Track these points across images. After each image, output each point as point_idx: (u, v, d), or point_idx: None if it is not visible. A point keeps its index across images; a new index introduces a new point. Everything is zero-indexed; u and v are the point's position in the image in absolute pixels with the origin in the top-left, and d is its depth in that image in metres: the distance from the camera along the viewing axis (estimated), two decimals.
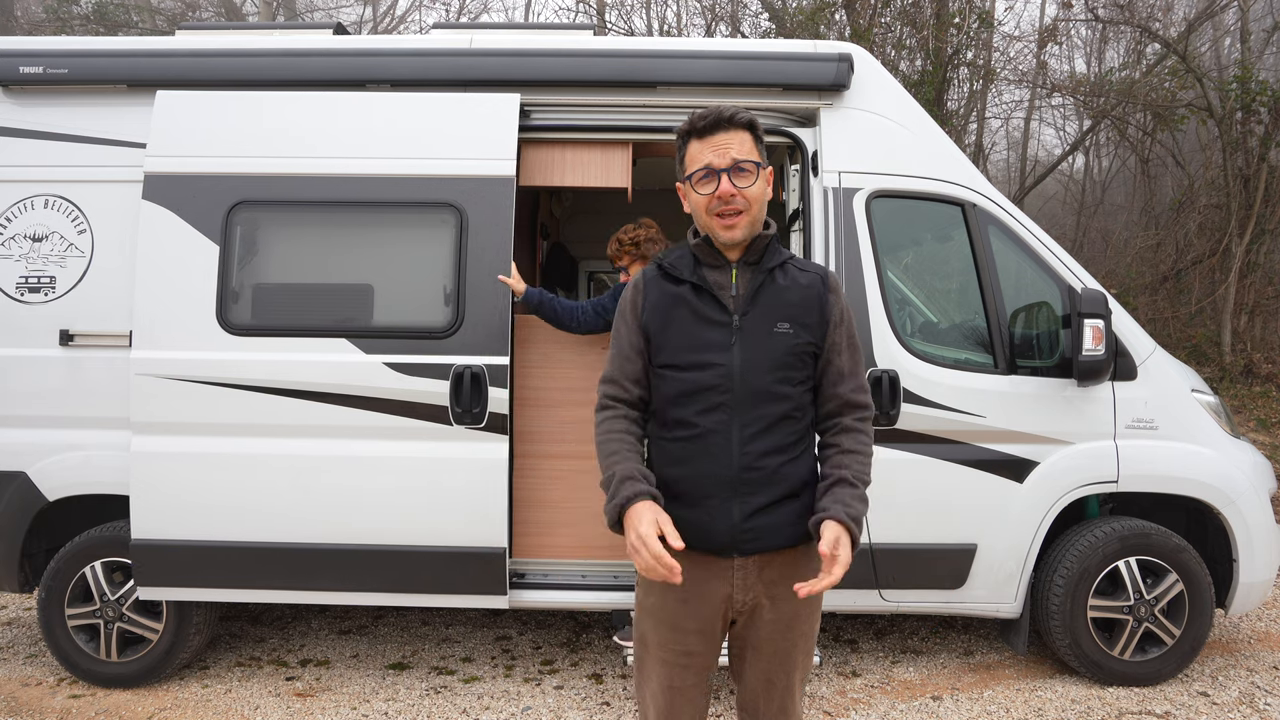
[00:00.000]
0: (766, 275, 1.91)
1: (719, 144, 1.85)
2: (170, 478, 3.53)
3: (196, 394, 3.51)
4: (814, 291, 1.92)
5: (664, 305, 1.92)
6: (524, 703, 3.68)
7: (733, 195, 1.84)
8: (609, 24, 13.38)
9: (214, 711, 3.61)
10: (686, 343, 1.88)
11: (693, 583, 1.85)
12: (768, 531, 1.85)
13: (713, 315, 1.88)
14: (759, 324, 1.87)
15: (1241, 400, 9.01)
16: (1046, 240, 3.84)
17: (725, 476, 1.83)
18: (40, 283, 3.72)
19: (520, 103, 3.71)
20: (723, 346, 1.86)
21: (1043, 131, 17.89)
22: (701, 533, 1.84)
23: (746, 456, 1.83)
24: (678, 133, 1.93)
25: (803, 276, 1.94)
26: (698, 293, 1.91)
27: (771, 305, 1.89)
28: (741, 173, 1.85)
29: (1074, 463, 3.68)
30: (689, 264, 1.95)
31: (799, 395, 1.88)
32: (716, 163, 1.84)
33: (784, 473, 1.85)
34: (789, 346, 1.87)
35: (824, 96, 3.79)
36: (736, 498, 1.83)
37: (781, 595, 1.89)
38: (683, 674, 1.94)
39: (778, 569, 1.88)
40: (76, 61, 3.77)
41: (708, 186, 1.86)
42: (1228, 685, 3.83)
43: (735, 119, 1.86)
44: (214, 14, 15.20)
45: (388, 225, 3.63)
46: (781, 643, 1.92)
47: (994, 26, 10.76)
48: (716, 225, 1.88)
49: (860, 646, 4.30)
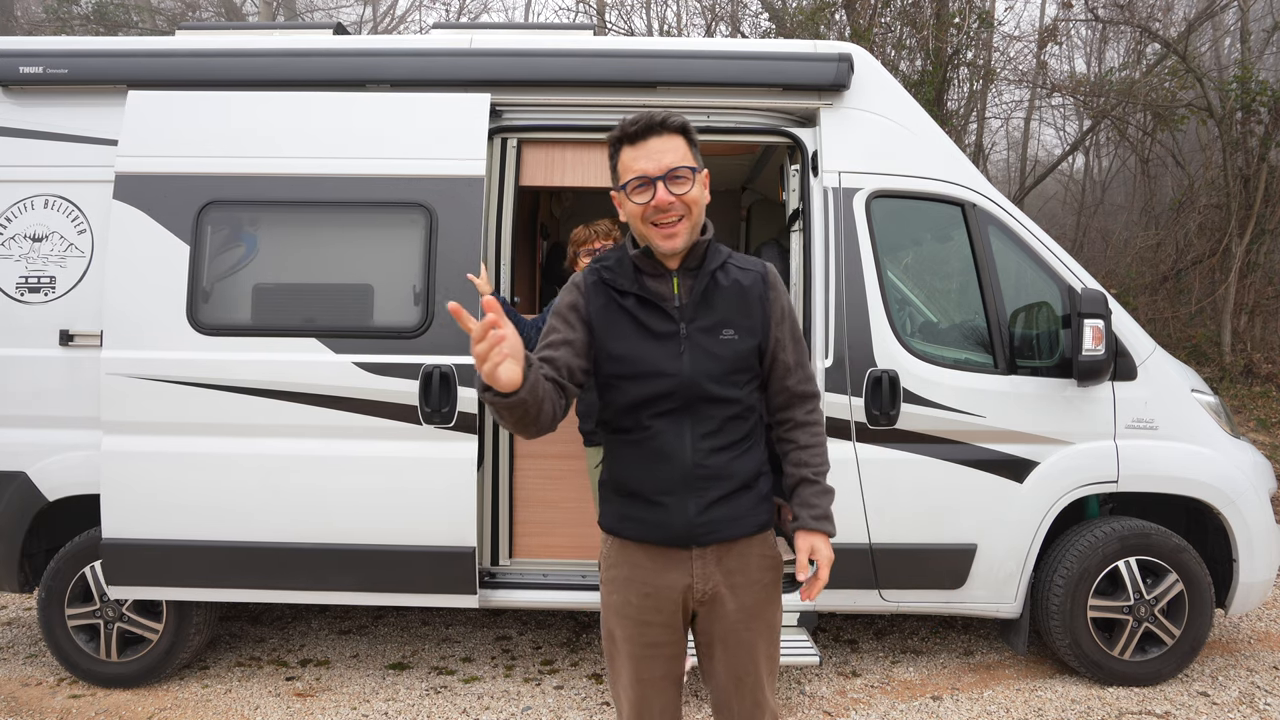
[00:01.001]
0: (709, 279, 1.91)
1: (652, 151, 1.82)
2: (141, 477, 3.53)
3: (167, 393, 3.52)
4: (755, 291, 1.94)
5: (609, 316, 1.91)
6: (524, 703, 3.68)
7: (670, 204, 1.81)
8: (609, 24, 13.38)
9: (214, 711, 3.61)
10: (636, 356, 1.88)
11: (653, 575, 1.93)
12: (723, 523, 1.91)
13: (660, 328, 1.89)
14: (705, 330, 1.89)
15: (1241, 400, 9.01)
16: (1046, 240, 3.84)
17: (679, 475, 1.89)
18: (40, 283, 3.72)
19: (492, 102, 3.70)
20: (673, 356, 1.87)
21: (1043, 131, 17.90)
22: (659, 528, 1.92)
23: (698, 454, 1.89)
24: (609, 140, 1.89)
25: (744, 276, 1.95)
26: (643, 305, 1.90)
27: (716, 310, 1.90)
28: (677, 179, 1.82)
29: (1074, 463, 3.68)
30: (629, 274, 1.92)
31: (746, 395, 1.94)
32: (651, 170, 1.81)
33: (734, 467, 1.92)
34: (735, 351, 1.90)
35: (824, 96, 3.79)
36: (691, 494, 1.89)
37: (741, 584, 1.94)
38: (650, 665, 1.98)
39: (735, 558, 1.94)
40: (76, 61, 3.77)
41: (643, 195, 1.82)
42: (1228, 685, 3.83)
43: (667, 123, 1.84)
44: (214, 14, 15.20)
45: (358, 225, 3.64)
46: (745, 634, 1.96)
47: (994, 26, 10.76)
48: (655, 235, 1.84)
49: (860, 646, 4.30)
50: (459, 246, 3.57)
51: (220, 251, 3.64)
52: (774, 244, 4.92)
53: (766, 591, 1.98)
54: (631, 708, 2.02)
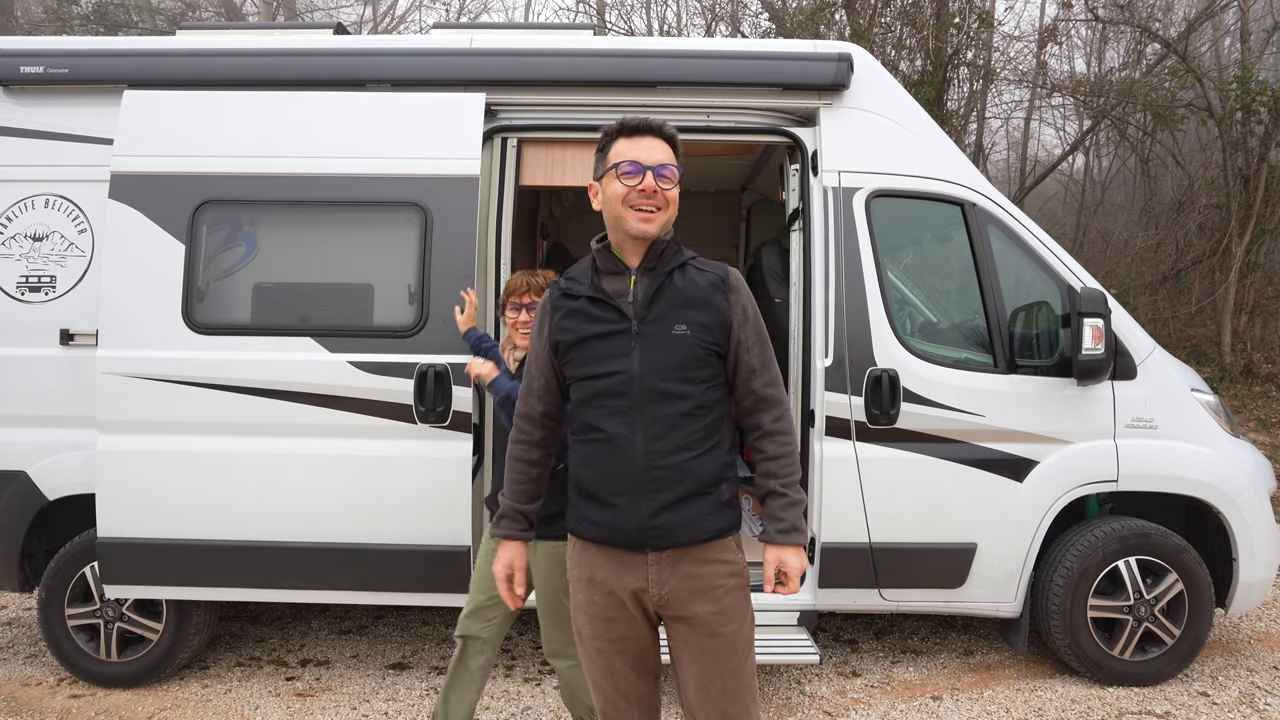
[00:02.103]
0: (665, 278, 1.97)
1: (647, 147, 1.95)
2: (136, 476, 3.53)
3: (162, 392, 3.52)
4: (713, 292, 1.98)
5: (568, 321, 2.01)
6: (524, 703, 3.68)
7: (655, 191, 1.93)
8: (609, 24, 13.38)
9: (214, 711, 3.61)
10: (590, 353, 1.97)
11: (611, 576, 1.97)
12: (677, 527, 1.92)
13: (612, 324, 1.96)
14: (657, 327, 1.94)
15: (1241, 400, 9.01)
16: (1046, 240, 3.84)
17: (631, 476, 1.91)
18: (41, 282, 3.72)
19: (491, 102, 3.71)
20: (623, 353, 1.94)
21: (1043, 131, 17.89)
22: (613, 530, 1.95)
23: (650, 456, 1.90)
24: (605, 132, 2.01)
25: (702, 277, 1.99)
26: (596, 304, 1.99)
27: (670, 308, 1.95)
28: (664, 176, 1.95)
29: (1074, 462, 3.69)
30: (588, 275, 2.03)
31: (702, 394, 1.94)
32: (645, 159, 1.93)
33: (690, 469, 1.91)
34: (688, 347, 1.93)
35: (824, 96, 3.79)
36: (644, 495, 1.90)
37: (701, 589, 1.93)
38: (620, 659, 2.02)
39: (693, 563, 1.94)
40: (77, 61, 3.77)
41: (632, 180, 1.93)
42: (1228, 685, 3.83)
43: (663, 130, 1.99)
44: (214, 14, 15.21)
45: (353, 225, 3.64)
46: (709, 642, 1.94)
47: (994, 26, 10.76)
48: (631, 217, 1.93)
49: (860, 646, 4.30)
50: (454, 246, 3.57)
51: (215, 251, 3.64)
52: (774, 244, 4.92)
53: (731, 597, 1.95)
54: (606, 701, 2.06)
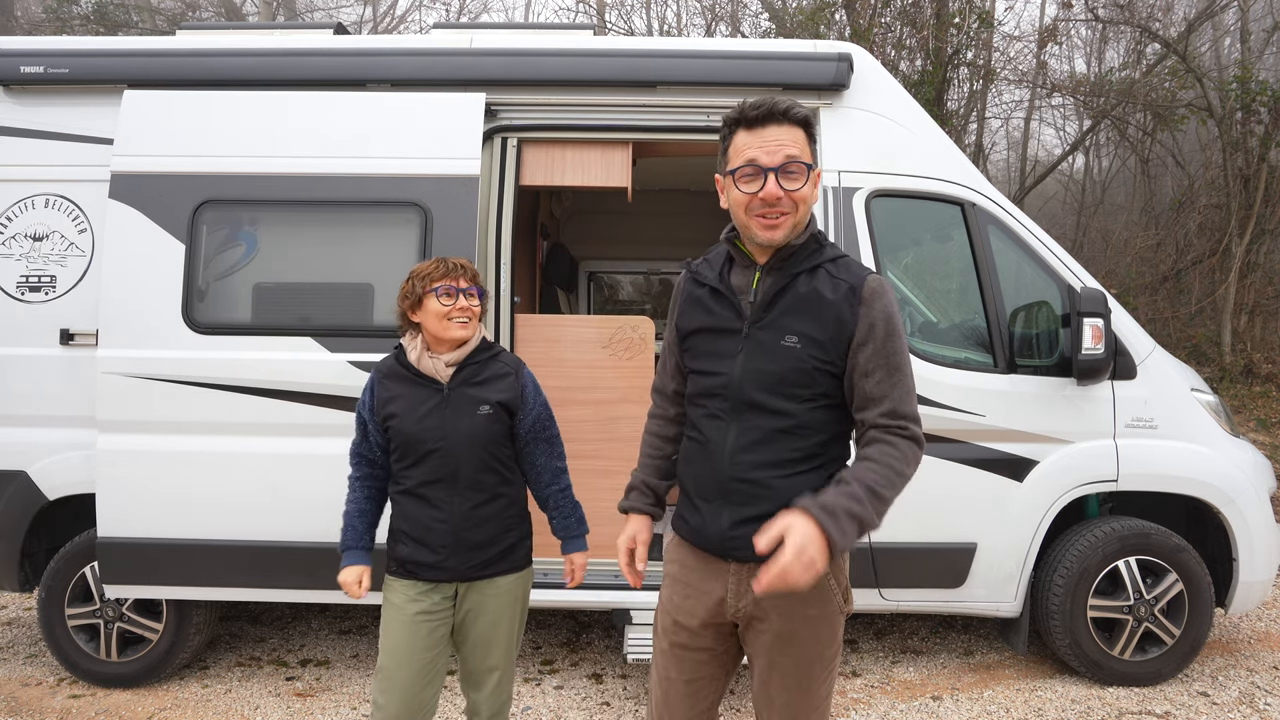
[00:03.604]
0: (789, 280, 1.77)
1: (770, 139, 1.70)
2: (136, 476, 3.54)
3: (162, 392, 3.52)
4: (839, 304, 1.74)
5: (690, 308, 1.90)
6: (524, 703, 3.68)
7: (779, 198, 1.70)
8: (609, 24, 13.39)
9: (214, 711, 3.61)
10: (702, 347, 1.86)
11: (695, 578, 1.88)
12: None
13: (725, 322, 1.82)
14: (769, 334, 1.76)
15: (1241, 400, 9.01)
16: (1046, 240, 3.84)
17: (717, 482, 1.81)
18: (41, 282, 3.72)
19: (491, 102, 3.71)
20: (730, 354, 1.80)
21: (1043, 131, 17.90)
22: (697, 533, 1.87)
23: (737, 466, 1.78)
24: (725, 120, 1.78)
25: (833, 284, 1.75)
26: (716, 297, 1.85)
27: (786, 314, 1.76)
28: (790, 174, 1.70)
29: (1074, 462, 3.69)
30: (719, 264, 1.88)
31: (805, 413, 1.76)
32: (765, 160, 1.69)
33: (778, 487, 1.75)
34: (796, 360, 1.74)
35: (823, 96, 3.79)
36: (727, 505, 1.80)
37: (777, 608, 1.81)
38: (677, 666, 1.93)
39: None
40: (77, 61, 3.77)
41: (752, 185, 1.71)
42: (1228, 685, 3.83)
43: (791, 113, 1.71)
44: (214, 14, 15.21)
45: (353, 224, 3.64)
46: (779, 659, 1.84)
47: (994, 26, 10.76)
48: (756, 225, 1.74)
49: (860, 646, 4.30)
50: (454, 246, 3.57)
51: (216, 251, 3.64)
52: None
53: (812, 625, 1.81)
54: (654, 703, 2.00)
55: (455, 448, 2.38)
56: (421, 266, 2.44)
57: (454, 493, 2.39)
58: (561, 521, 2.61)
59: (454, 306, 2.38)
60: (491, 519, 2.43)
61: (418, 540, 2.41)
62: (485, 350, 2.48)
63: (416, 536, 2.42)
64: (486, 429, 2.40)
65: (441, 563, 2.40)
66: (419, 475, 2.41)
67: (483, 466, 2.41)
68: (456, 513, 2.39)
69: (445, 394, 2.40)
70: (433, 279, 2.39)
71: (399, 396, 2.42)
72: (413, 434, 2.38)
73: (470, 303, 2.41)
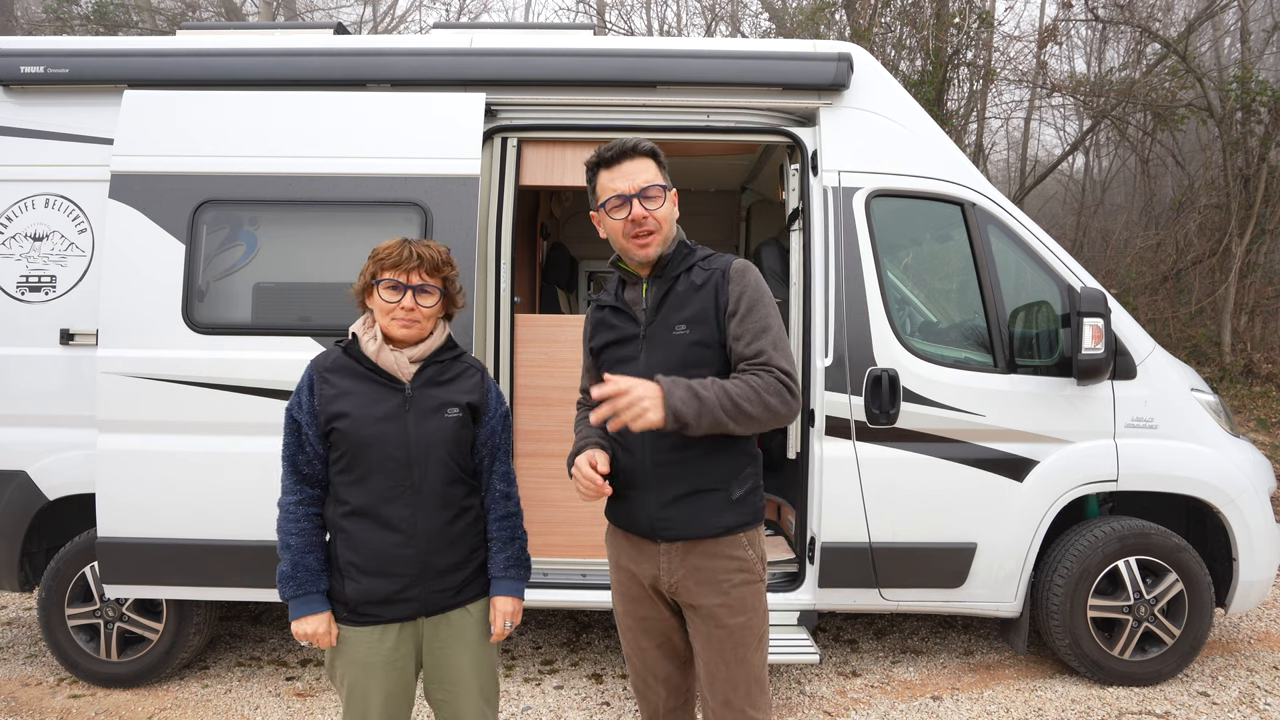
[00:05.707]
0: (671, 284, 2.08)
1: (626, 173, 2.04)
2: (136, 476, 3.53)
3: (162, 392, 3.52)
4: (710, 287, 2.05)
5: (597, 330, 2.21)
6: (524, 703, 3.68)
7: (644, 217, 2.03)
8: (609, 24, 13.39)
9: (214, 711, 3.61)
10: (613, 356, 2.13)
11: (631, 561, 2.14)
12: (682, 522, 2.03)
13: (626, 330, 2.11)
14: (661, 330, 2.06)
15: (1241, 400, 9.01)
16: (1046, 239, 3.84)
17: (641, 469, 2.04)
18: (41, 282, 3.72)
19: (491, 102, 3.72)
20: (633, 357, 2.08)
21: (1043, 131, 17.90)
22: (628, 519, 2.11)
23: (658, 452, 2.01)
24: (587, 165, 2.12)
25: (704, 275, 2.07)
26: (616, 313, 2.15)
27: (672, 310, 2.06)
28: (650, 197, 2.03)
29: (1074, 462, 3.69)
30: (614, 288, 2.20)
31: None
32: (626, 189, 2.02)
33: (697, 466, 2.01)
34: (688, 345, 2.02)
35: (823, 96, 3.79)
36: (652, 489, 2.03)
37: (708, 582, 2.03)
38: (644, 636, 2.19)
39: (701, 556, 2.04)
40: (77, 61, 3.77)
41: (621, 212, 2.04)
42: (1228, 685, 3.83)
43: (638, 149, 2.06)
44: (214, 14, 15.21)
45: (353, 224, 3.64)
46: (715, 632, 2.04)
47: (994, 26, 10.76)
48: (632, 246, 2.05)
49: (860, 646, 4.30)
50: (454, 246, 3.56)
51: (215, 251, 3.64)
52: (774, 244, 4.92)
53: (738, 592, 2.04)
54: (636, 675, 2.25)
55: (420, 457, 2.07)
56: (382, 246, 2.11)
57: (418, 510, 2.06)
58: (499, 552, 2.20)
59: (397, 305, 2.07)
60: (461, 538, 2.13)
61: (372, 572, 2.05)
62: (450, 349, 2.21)
63: (371, 568, 2.05)
64: (455, 434, 2.12)
65: (400, 593, 2.06)
66: (371, 491, 2.06)
67: (451, 477, 2.12)
68: (422, 534, 2.06)
69: (408, 394, 2.09)
70: (384, 266, 2.08)
71: (348, 394, 2.07)
72: (366, 439, 2.04)
73: (421, 303, 2.09)
